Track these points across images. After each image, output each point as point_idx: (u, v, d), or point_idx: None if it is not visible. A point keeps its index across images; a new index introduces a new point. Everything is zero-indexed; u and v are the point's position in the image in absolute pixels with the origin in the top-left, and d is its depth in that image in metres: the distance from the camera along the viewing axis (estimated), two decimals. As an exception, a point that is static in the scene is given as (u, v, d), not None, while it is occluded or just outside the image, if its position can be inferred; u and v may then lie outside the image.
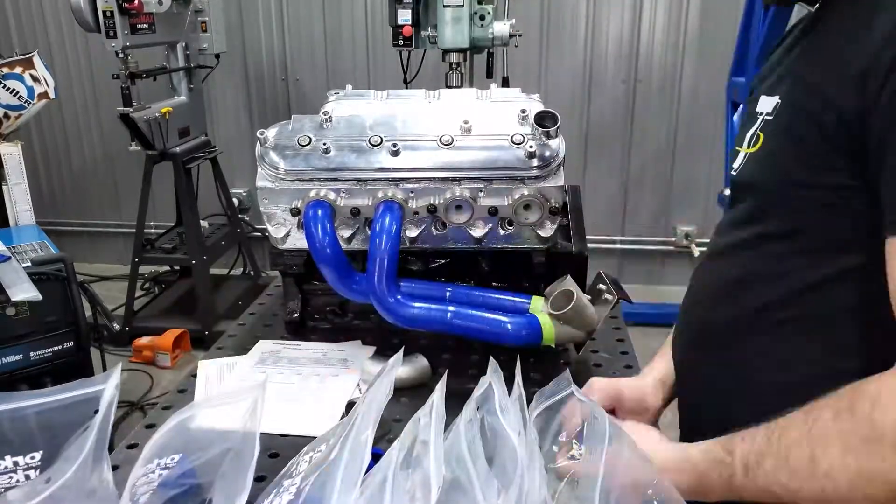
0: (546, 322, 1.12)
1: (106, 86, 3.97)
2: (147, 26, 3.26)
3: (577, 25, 3.99)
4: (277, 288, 1.49)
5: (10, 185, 3.01)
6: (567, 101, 3.99)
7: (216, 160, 3.82)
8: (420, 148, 1.16)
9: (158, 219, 4.20)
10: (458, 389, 0.91)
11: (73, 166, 4.65)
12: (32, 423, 0.83)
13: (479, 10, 2.89)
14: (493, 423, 0.82)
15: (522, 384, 0.89)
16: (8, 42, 4.33)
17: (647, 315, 3.65)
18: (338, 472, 0.70)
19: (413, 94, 1.32)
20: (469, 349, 1.22)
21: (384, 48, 4.12)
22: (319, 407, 1.07)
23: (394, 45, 3.08)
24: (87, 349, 2.59)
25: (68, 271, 2.50)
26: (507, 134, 1.15)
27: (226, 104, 4.39)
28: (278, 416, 1.03)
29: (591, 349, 1.22)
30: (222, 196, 3.93)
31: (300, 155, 1.16)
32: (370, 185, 1.16)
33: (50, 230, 3.23)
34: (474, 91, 1.30)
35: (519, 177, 1.15)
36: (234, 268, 4.28)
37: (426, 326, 1.15)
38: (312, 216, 1.14)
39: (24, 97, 3.08)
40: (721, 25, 3.86)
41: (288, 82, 4.30)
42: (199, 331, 3.59)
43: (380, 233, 1.12)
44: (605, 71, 4.01)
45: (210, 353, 1.26)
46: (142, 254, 3.63)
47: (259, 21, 4.22)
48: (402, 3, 2.95)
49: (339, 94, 1.29)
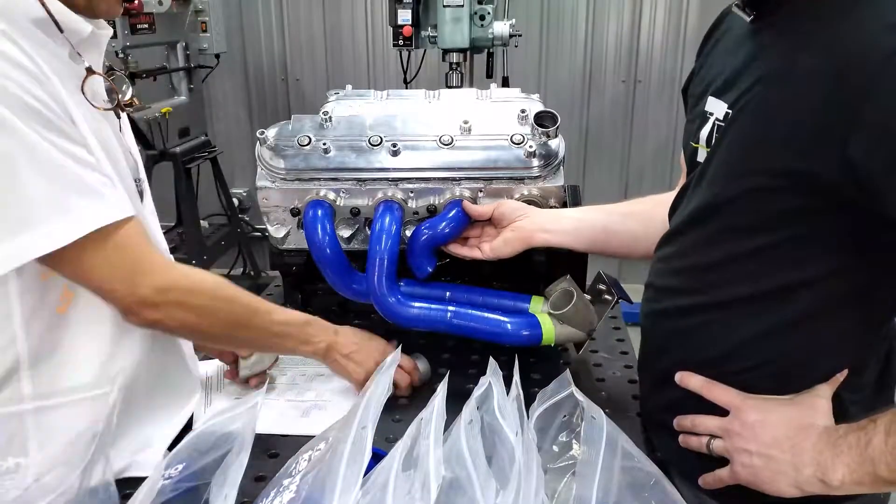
0: (546, 322, 1.12)
1: (106, 86, 3.96)
2: (147, 26, 3.26)
3: (577, 25, 3.99)
4: (277, 288, 1.49)
5: (10, 185, 3.01)
6: (567, 101, 3.99)
7: (216, 160, 3.82)
8: (420, 148, 1.16)
9: (158, 219, 4.20)
10: (458, 389, 0.91)
11: (73, 166, 4.64)
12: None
13: (479, 10, 2.90)
14: (491, 423, 0.83)
15: (521, 384, 0.89)
16: (8, 42, 4.32)
17: (647, 315, 3.65)
18: (338, 469, 0.70)
19: (413, 94, 1.32)
20: (469, 349, 1.22)
21: (384, 48, 4.12)
22: (325, 407, 1.07)
23: (394, 45, 3.08)
24: (87, 349, 2.58)
25: (68, 271, 2.50)
26: (507, 134, 1.15)
27: (226, 104, 4.39)
28: (280, 417, 1.04)
29: (591, 349, 1.22)
30: (222, 196, 3.93)
31: (300, 155, 1.16)
32: (370, 185, 1.16)
33: (50, 230, 3.22)
34: (474, 91, 1.31)
35: (519, 177, 1.15)
36: (234, 268, 4.27)
37: (426, 326, 1.15)
38: (312, 216, 1.14)
39: (24, 97, 3.08)
40: (721, 25, 3.85)
41: (288, 82, 4.30)
42: (199, 331, 3.59)
43: (380, 233, 1.12)
44: (605, 71, 4.01)
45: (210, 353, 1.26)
46: (142, 254, 3.62)
47: (259, 21, 4.22)
48: (402, 3, 2.95)
49: (339, 94, 1.29)
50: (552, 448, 0.87)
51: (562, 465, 0.84)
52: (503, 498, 0.71)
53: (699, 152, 0.90)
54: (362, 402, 0.80)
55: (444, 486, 0.70)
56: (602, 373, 1.18)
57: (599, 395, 1.10)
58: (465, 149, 1.15)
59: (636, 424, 1.02)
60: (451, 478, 0.71)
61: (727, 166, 0.82)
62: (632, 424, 1.01)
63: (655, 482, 0.77)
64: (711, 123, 0.86)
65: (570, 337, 1.14)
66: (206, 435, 0.79)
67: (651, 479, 0.77)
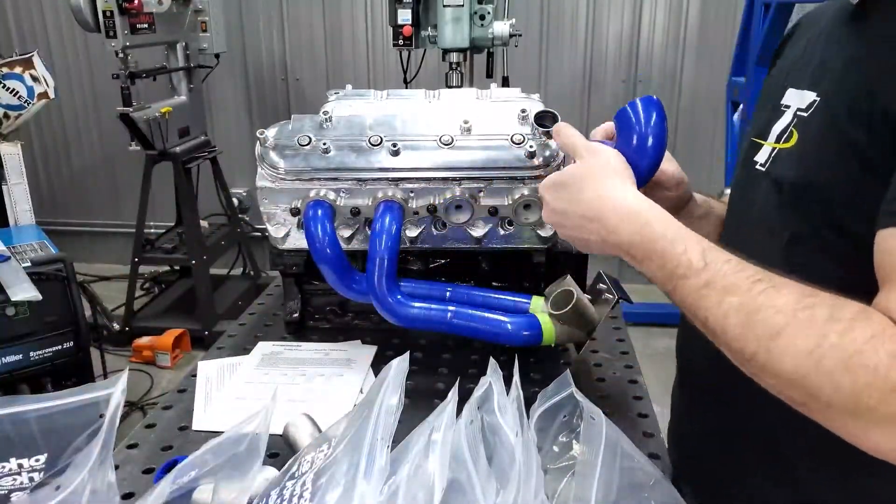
0: (546, 322, 1.12)
1: (106, 86, 3.97)
2: (147, 26, 3.26)
3: (577, 25, 3.99)
4: (277, 288, 1.49)
5: (10, 185, 3.01)
6: (567, 101, 3.99)
7: (216, 160, 3.83)
8: (420, 148, 1.16)
9: (158, 219, 4.20)
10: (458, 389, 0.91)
11: (73, 166, 4.65)
12: (37, 427, 0.84)
13: (479, 9, 2.90)
14: (491, 423, 0.83)
15: (521, 384, 0.89)
16: (8, 42, 4.33)
17: (647, 315, 3.66)
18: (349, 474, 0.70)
19: (413, 93, 1.32)
20: (469, 349, 1.22)
21: (384, 48, 4.12)
22: (326, 407, 1.07)
23: (394, 45, 3.08)
24: (86, 349, 2.59)
25: (68, 271, 2.50)
26: (507, 134, 1.15)
27: (226, 104, 4.39)
28: (282, 417, 1.04)
29: (591, 349, 1.22)
30: (222, 196, 3.93)
31: (300, 155, 1.16)
32: (370, 185, 1.16)
33: (50, 230, 3.23)
34: (474, 91, 1.30)
35: (519, 177, 1.15)
36: (234, 268, 4.28)
37: (426, 326, 1.15)
38: (312, 216, 1.14)
39: (24, 97, 3.09)
40: (721, 25, 3.86)
41: (288, 82, 4.31)
42: (199, 331, 3.59)
43: (380, 233, 1.12)
44: (605, 71, 4.01)
45: (210, 353, 1.26)
46: (142, 254, 3.63)
47: (259, 21, 4.22)
48: (402, 2, 2.95)
49: (339, 94, 1.29)
50: (552, 448, 0.87)
51: (562, 466, 0.84)
52: (503, 498, 0.71)
53: (762, 150, 0.87)
54: (373, 413, 0.77)
55: (445, 487, 0.70)
56: (602, 372, 1.18)
57: (599, 395, 1.10)
58: (466, 149, 1.15)
59: (636, 424, 1.03)
60: (451, 478, 0.71)
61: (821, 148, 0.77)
62: (632, 424, 1.01)
63: (655, 482, 0.77)
64: (791, 115, 0.83)
65: (571, 337, 1.14)
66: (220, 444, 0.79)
67: (651, 480, 0.78)
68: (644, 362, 1.23)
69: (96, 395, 0.83)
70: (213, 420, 1.04)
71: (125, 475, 0.91)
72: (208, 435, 0.91)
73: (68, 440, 0.84)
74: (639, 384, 1.14)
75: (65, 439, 0.84)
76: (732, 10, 3.73)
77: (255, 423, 0.79)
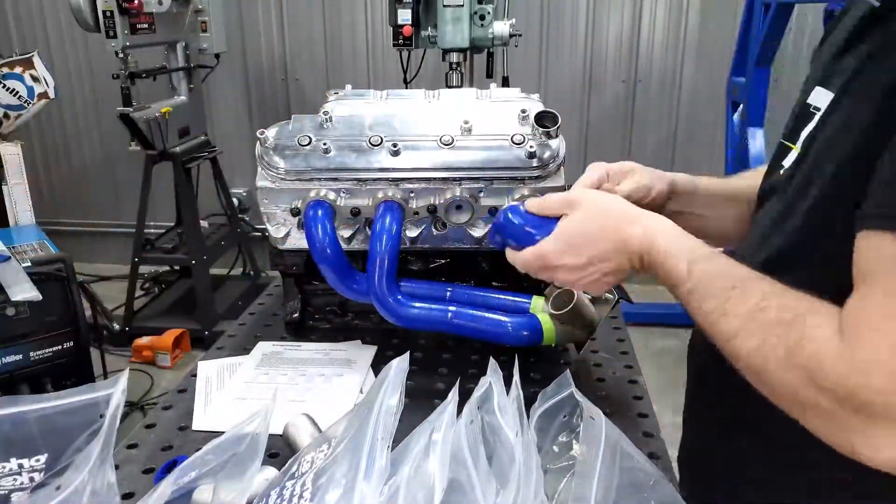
0: (546, 322, 1.12)
1: (106, 86, 3.98)
2: (147, 26, 3.27)
3: (577, 25, 3.99)
4: (277, 288, 1.49)
5: (10, 185, 3.01)
6: (567, 101, 3.99)
7: (216, 160, 3.83)
8: (420, 148, 1.16)
9: (158, 219, 4.21)
10: (458, 389, 0.91)
11: (73, 166, 4.65)
12: (37, 427, 0.84)
13: (479, 9, 2.90)
14: (491, 423, 0.83)
15: (521, 384, 0.89)
16: (8, 42, 4.33)
17: (647, 315, 3.66)
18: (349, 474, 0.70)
19: (413, 94, 1.32)
20: (469, 349, 1.22)
21: (384, 48, 4.12)
22: (326, 407, 1.07)
23: (394, 45, 3.09)
24: (86, 349, 2.59)
25: (68, 271, 2.50)
26: (508, 134, 1.15)
27: (226, 104, 4.39)
28: (282, 417, 1.04)
29: (591, 349, 1.22)
30: (222, 196, 3.93)
31: (300, 155, 1.16)
32: (370, 185, 1.16)
33: (50, 230, 3.23)
34: (474, 91, 1.30)
35: (519, 177, 1.15)
36: (234, 268, 4.28)
37: (426, 326, 1.15)
38: (312, 216, 1.14)
39: (24, 97, 3.09)
40: (721, 25, 3.87)
41: (288, 82, 4.31)
42: (198, 331, 3.60)
43: (380, 233, 1.12)
44: (605, 71, 4.01)
45: (210, 353, 1.26)
46: (142, 254, 3.63)
47: (259, 21, 4.22)
48: (402, 2, 2.95)
49: (339, 94, 1.29)
50: (552, 448, 0.87)
51: (562, 466, 0.84)
52: (503, 498, 0.70)
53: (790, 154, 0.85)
54: (373, 414, 0.77)
55: (445, 487, 0.70)
56: (602, 372, 1.18)
57: (599, 395, 1.10)
58: (466, 149, 1.15)
59: (636, 424, 1.03)
60: (451, 478, 0.71)
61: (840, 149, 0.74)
62: (632, 424, 1.01)
63: (655, 482, 0.77)
64: (818, 119, 0.80)
65: (571, 337, 1.15)
66: (221, 444, 0.79)
67: (651, 480, 0.77)
68: (644, 362, 1.23)
69: (96, 396, 0.82)
70: (213, 420, 1.04)
71: (125, 475, 0.91)
72: (208, 435, 0.91)
73: (68, 440, 0.84)
74: (639, 384, 1.14)
75: (65, 439, 0.84)
76: (732, 10, 3.73)
77: (255, 424, 0.79)
